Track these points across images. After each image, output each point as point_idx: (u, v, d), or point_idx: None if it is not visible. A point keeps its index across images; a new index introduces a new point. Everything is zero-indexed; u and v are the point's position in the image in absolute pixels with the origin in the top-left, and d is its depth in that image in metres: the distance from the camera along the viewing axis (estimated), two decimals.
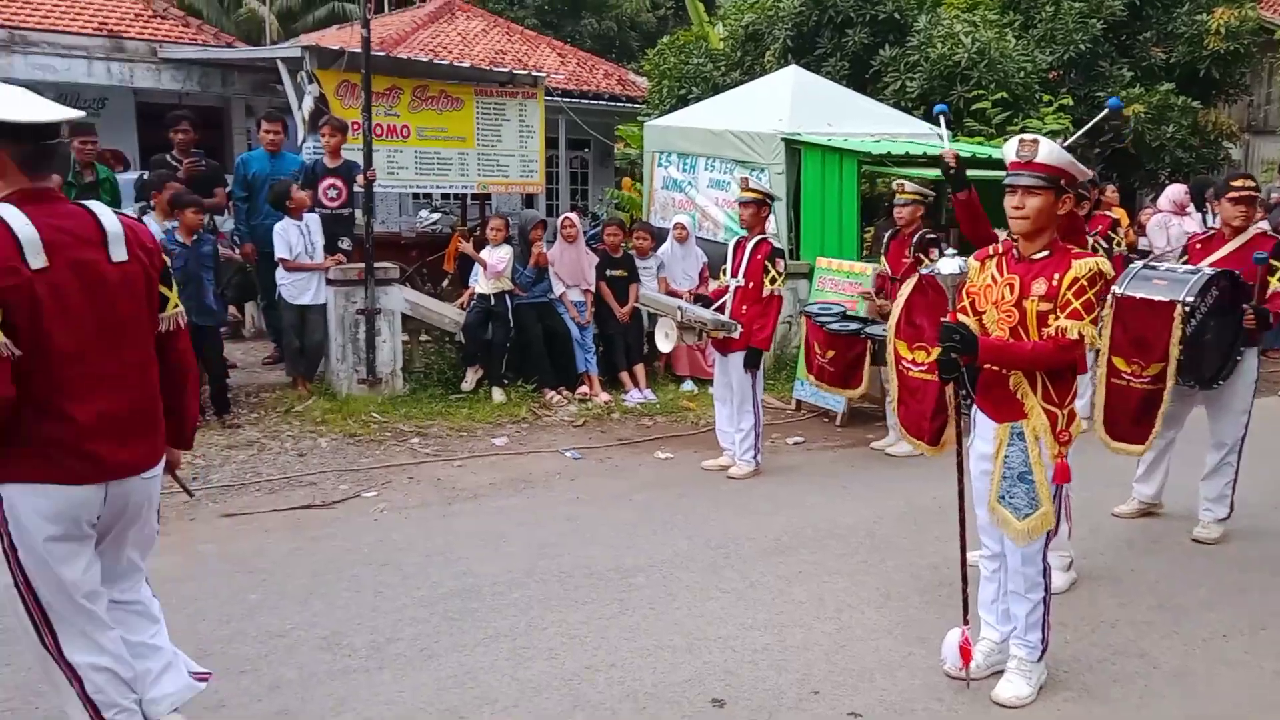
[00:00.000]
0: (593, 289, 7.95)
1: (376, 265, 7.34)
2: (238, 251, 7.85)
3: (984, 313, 3.42)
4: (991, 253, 3.47)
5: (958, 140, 10.54)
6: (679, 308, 6.52)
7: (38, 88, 5.92)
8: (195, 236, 6.56)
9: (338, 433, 6.66)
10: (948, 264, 3.36)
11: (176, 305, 2.84)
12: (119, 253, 2.62)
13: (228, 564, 4.52)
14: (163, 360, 2.79)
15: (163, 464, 2.83)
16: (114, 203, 7.27)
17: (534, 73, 11.15)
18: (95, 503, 2.62)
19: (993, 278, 3.40)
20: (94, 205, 2.70)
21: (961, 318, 3.43)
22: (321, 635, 3.83)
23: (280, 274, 7.21)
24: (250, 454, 6.18)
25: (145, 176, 7.47)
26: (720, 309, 6.23)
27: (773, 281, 6.04)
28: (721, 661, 3.71)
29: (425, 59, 10.58)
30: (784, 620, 4.08)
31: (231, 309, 8.86)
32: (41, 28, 12.57)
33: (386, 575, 4.44)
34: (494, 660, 3.67)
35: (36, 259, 2.44)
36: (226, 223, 8.13)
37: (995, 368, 3.36)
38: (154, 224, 6.83)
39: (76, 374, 2.54)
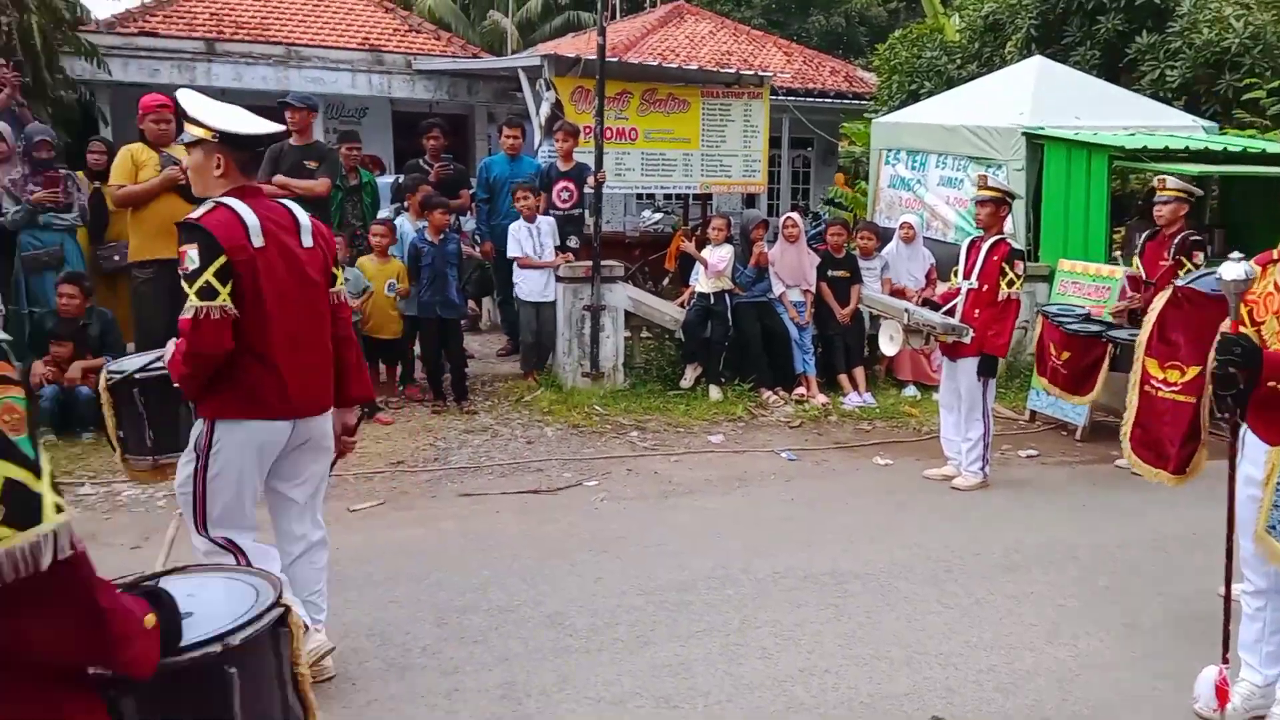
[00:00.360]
0: (813, 289, 7.86)
1: (602, 263, 7.59)
2: (478, 250, 8.35)
3: (1263, 323, 3.09)
4: (1276, 257, 3.13)
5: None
6: (906, 310, 6.33)
7: (310, 99, 6.46)
8: (442, 235, 7.04)
9: (562, 423, 6.95)
10: (1232, 268, 3.03)
11: (343, 283, 3.50)
12: (307, 240, 3.26)
13: (464, 540, 4.84)
14: (332, 326, 3.39)
15: (332, 411, 3.38)
16: (374, 204, 7.94)
17: (760, 73, 11.15)
18: (285, 434, 3.22)
19: (1275, 285, 3.07)
20: (288, 202, 3.34)
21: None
22: (546, 614, 4.02)
23: (516, 271, 7.61)
24: (485, 439, 6.56)
25: (400, 180, 8.09)
26: (950, 312, 5.99)
27: (1010, 284, 5.74)
28: (942, 678, 3.57)
29: (655, 63, 10.83)
30: (1012, 642, 3.88)
31: (471, 303, 9.44)
32: (314, 44, 13.86)
33: (606, 562, 4.59)
34: (708, 653, 3.72)
35: (257, 239, 3.07)
36: (468, 222, 8.67)
37: (1275, 384, 3.03)
38: (407, 224, 7.40)
39: (280, 332, 3.13)
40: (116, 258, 6.73)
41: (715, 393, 7.59)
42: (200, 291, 2.96)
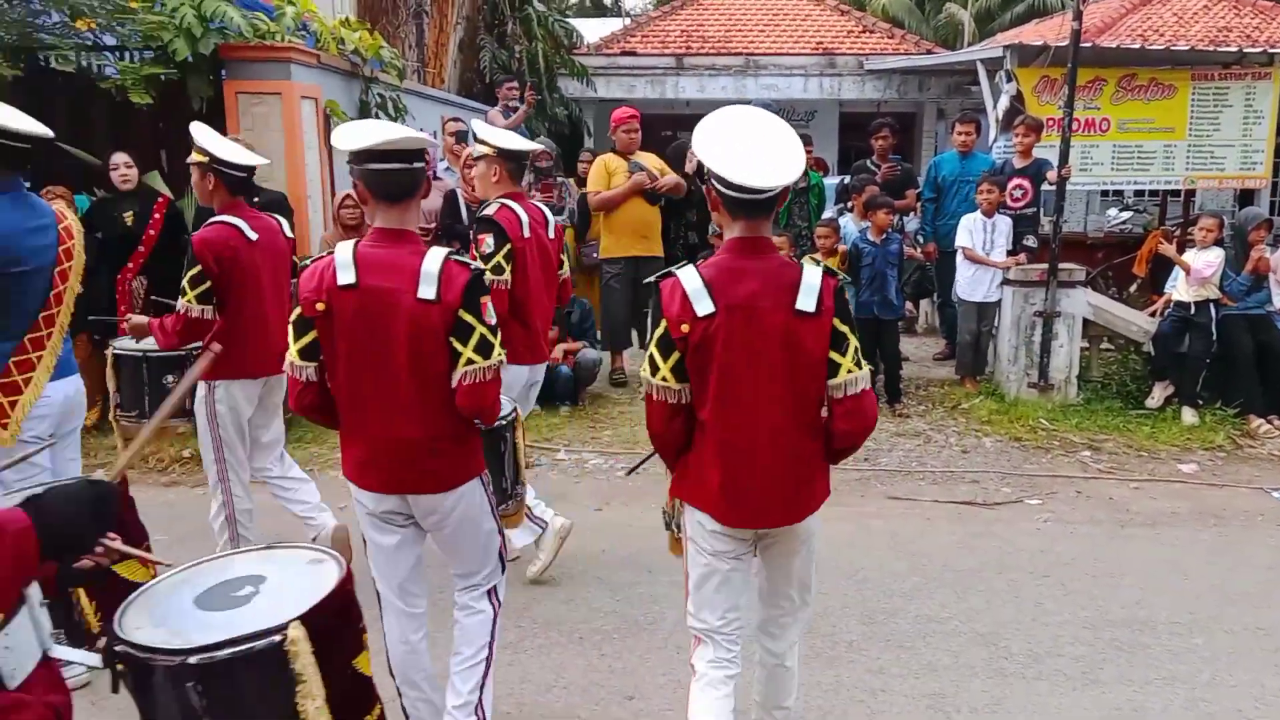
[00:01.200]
0: None
1: (1060, 266, 7.04)
2: (919, 250, 8.18)
3: None
4: None
5: None
6: None
7: (771, 106, 6.68)
8: (884, 236, 7.00)
9: (1002, 434, 6.57)
10: None
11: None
12: (552, 233, 4.09)
13: (892, 543, 4.79)
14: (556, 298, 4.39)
15: None
16: (819, 206, 8.11)
17: (1269, 49, 9.57)
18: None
19: None
20: (541, 204, 4.13)
21: None
22: (978, 631, 3.85)
23: (959, 270, 7.33)
24: (916, 444, 6.42)
25: (846, 181, 8.17)
26: None
27: None
28: None
29: (1135, 45, 9.77)
30: None
31: (908, 304, 9.27)
32: (771, 53, 14.47)
33: (1048, 588, 4.28)
34: (1168, 704, 3.32)
35: (526, 232, 3.87)
36: (911, 222, 8.52)
37: None
38: (850, 224, 7.46)
39: (535, 302, 4.10)
40: (595, 254, 7.61)
41: (1189, 415, 6.69)
42: (494, 268, 3.79)
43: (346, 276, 2.45)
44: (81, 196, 6.20)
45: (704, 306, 2.33)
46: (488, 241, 3.82)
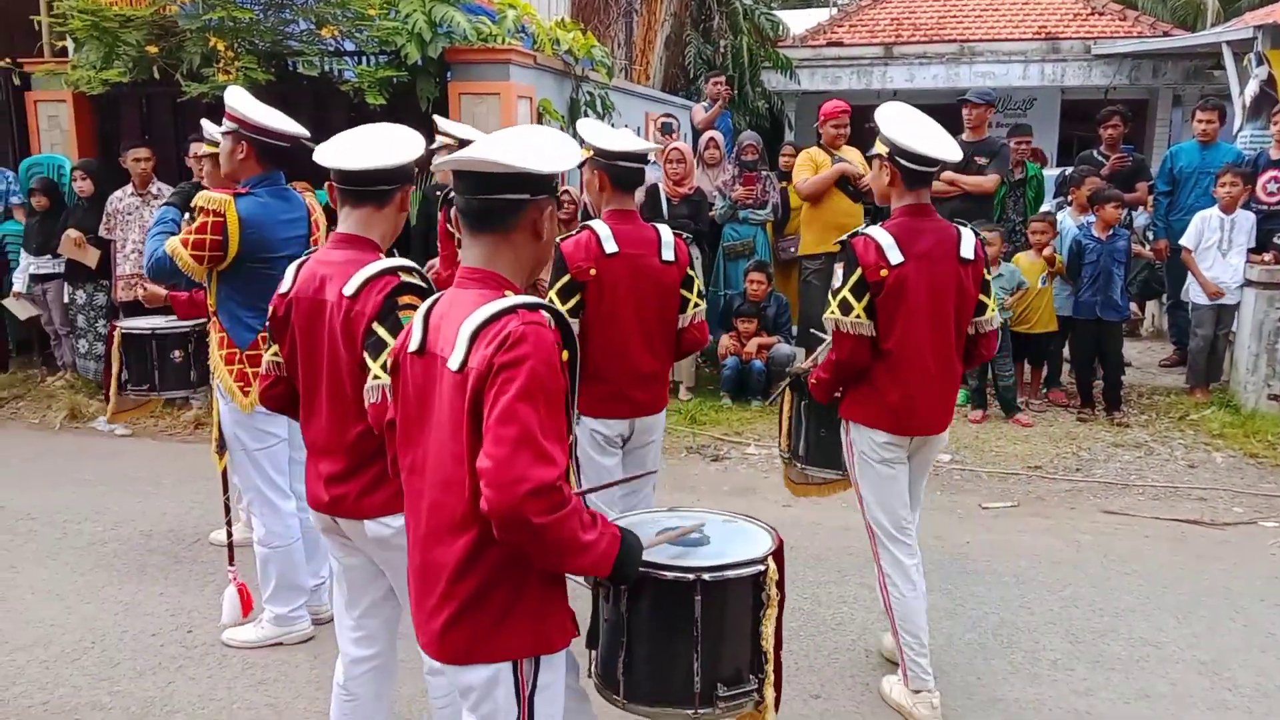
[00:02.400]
0: None
1: None
2: (1149, 247, 7.61)
3: None
4: None
5: None
6: None
7: (989, 95, 6.36)
8: (1111, 231, 6.56)
9: (1236, 450, 6.03)
10: None
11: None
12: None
13: (1104, 559, 4.51)
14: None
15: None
16: (1037, 199, 7.68)
17: None
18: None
19: None
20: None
21: None
22: (1199, 659, 3.58)
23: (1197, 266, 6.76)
24: (1136, 456, 6.00)
25: (1068, 172, 7.71)
26: None
27: None
28: None
29: None
30: None
31: (1133, 306, 8.66)
32: (987, 39, 13.82)
33: None
34: None
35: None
36: (1140, 217, 7.94)
37: None
38: (1067, 219, 7.03)
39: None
40: (792, 249, 7.56)
41: None
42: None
43: (611, 246, 3.13)
44: (321, 192, 6.78)
45: (895, 256, 2.96)
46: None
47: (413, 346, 1.90)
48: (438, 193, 6.47)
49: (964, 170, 6.87)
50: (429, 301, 1.96)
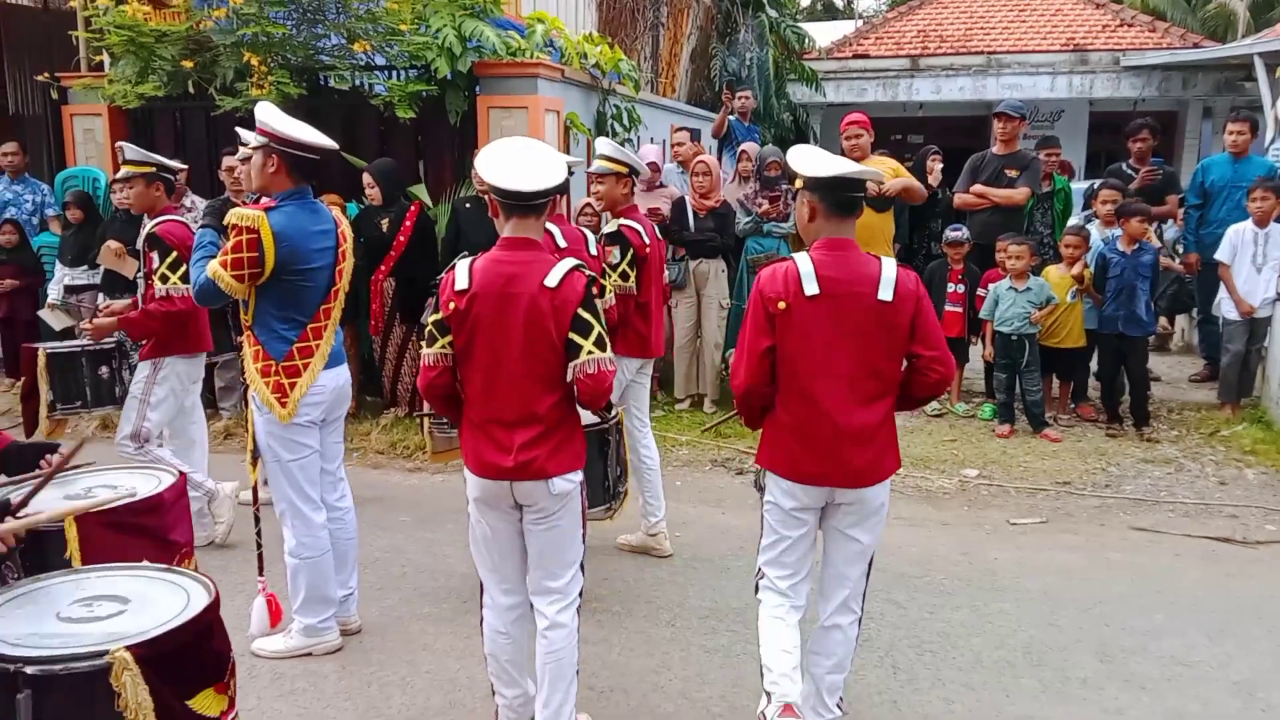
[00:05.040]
0: None
1: None
2: (1179, 261, 7.54)
3: None
4: None
5: None
6: None
7: (1021, 108, 6.31)
8: (1136, 245, 6.51)
9: (1268, 466, 5.96)
10: None
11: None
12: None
13: (1134, 577, 4.46)
14: None
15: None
16: (1065, 211, 7.64)
17: None
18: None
19: None
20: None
21: None
22: (1232, 679, 3.54)
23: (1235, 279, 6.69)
24: (1166, 472, 5.94)
25: (1094, 186, 7.66)
26: None
27: None
28: None
29: None
30: None
31: (1163, 320, 8.57)
32: (1015, 50, 13.76)
33: None
34: None
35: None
36: (1170, 231, 7.87)
37: None
38: (1095, 232, 6.99)
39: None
40: None
41: None
42: (622, 274, 4.41)
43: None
44: (352, 204, 6.85)
45: (811, 288, 2.78)
46: (614, 253, 4.41)
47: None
48: (466, 205, 6.55)
49: (994, 183, 6.85)
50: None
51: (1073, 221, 7.48)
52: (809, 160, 2.88)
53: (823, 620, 2.97)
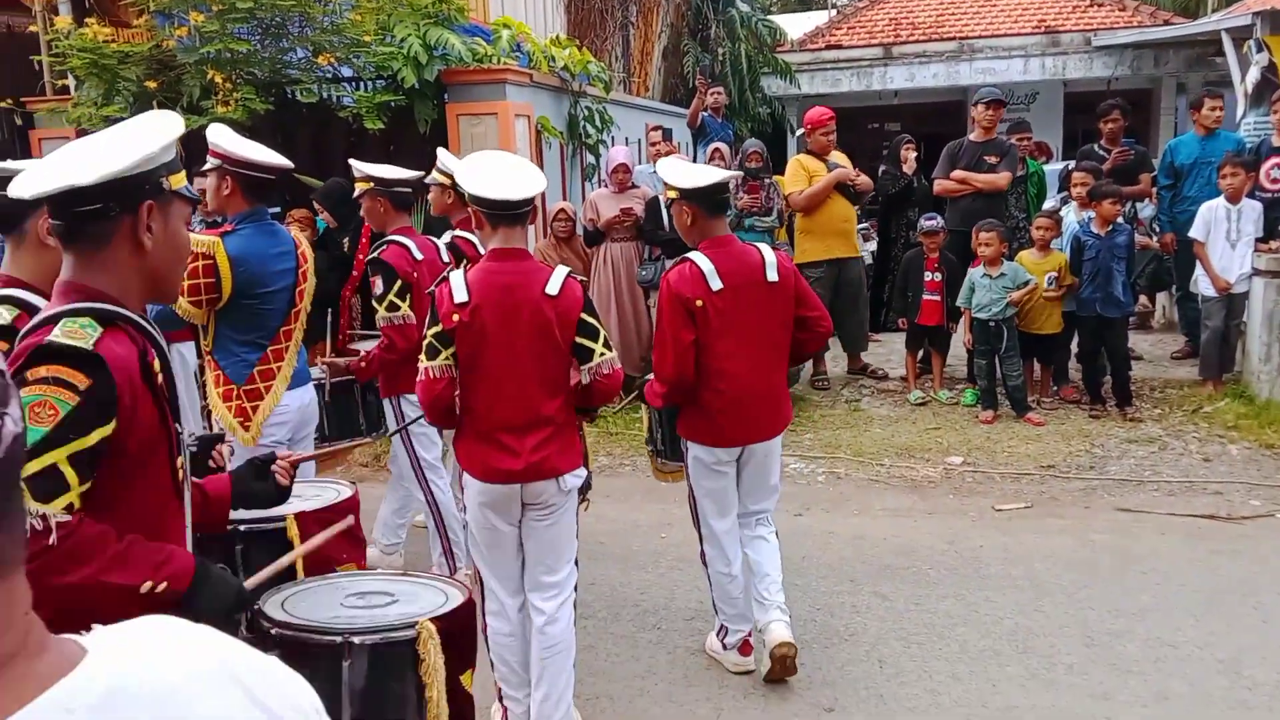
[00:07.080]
0: None
1: None
2: (1155, 240, 7.55)
3: None
4: None
5: None
6: None
7: (1000, 95, 6.29)
8: (1110, 227, 6.51)
9: (1251, 441, 5.97)
10: None
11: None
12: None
13: (1120, 559, 4.46)
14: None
15: None
16: (1039, 195, 7.63)
17: None
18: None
19: None
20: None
21: None
22: (1218, 658, 3.53)
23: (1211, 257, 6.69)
24: (1150, 451, 5.95)
25: (1069, 167, 7.66)
26: None
27: None
28: None
29: None
30: None
31: (1143, 299, 8.58)
32: (986, 35, 13.78)
33: None
34: None
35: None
36: (1146, 209, 7.88)
37: None
38: (1071, 214, 6.99)
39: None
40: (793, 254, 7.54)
41: None
42: (389, 306, 4.06)
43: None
44: (320, 220, 6.81)
45: (715, 284, 3.24)
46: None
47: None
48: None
49: (974, 170, 6.85)
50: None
51: (1048, 204, 7.48)
52: (685, 173, 3.39)
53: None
